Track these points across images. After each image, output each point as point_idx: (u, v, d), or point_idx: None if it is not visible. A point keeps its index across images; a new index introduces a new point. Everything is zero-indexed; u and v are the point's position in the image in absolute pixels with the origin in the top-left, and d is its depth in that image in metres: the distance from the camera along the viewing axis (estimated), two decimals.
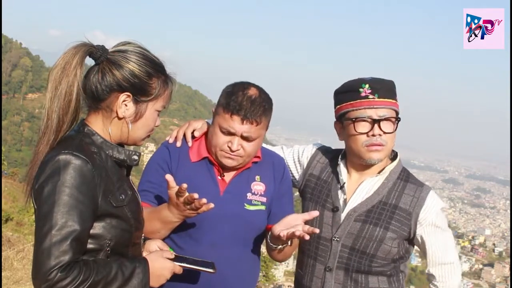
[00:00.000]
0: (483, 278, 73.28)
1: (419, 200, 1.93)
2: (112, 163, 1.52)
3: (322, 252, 1.98)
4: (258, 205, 1.97)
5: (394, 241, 1.92)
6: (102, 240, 1.45)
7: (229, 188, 1.95)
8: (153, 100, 1.54)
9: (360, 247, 1.91)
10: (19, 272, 5.21)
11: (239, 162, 1.93)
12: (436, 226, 1.95)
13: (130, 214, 1.53)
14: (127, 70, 1.49)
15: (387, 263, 1.95)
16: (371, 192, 1.96)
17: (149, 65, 1.52)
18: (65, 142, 1.47)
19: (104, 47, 1.53)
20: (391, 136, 1.92)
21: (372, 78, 1.94)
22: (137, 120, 1.53)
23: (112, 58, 1.50)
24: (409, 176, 2.01)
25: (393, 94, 1.93)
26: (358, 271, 1.93)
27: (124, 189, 1.53)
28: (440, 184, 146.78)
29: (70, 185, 1.36)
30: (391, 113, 1.91)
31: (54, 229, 1.33)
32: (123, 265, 1.45)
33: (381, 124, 1.89)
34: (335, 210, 1.97)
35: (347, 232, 1.93)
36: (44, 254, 1.32)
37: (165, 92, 1.57)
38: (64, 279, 1.31)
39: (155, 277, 1.54)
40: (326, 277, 1.96)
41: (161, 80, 1.55)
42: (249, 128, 1.86)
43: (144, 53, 1.54)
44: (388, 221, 1.91)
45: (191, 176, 1.93)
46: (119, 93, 1.49)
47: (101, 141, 1.51)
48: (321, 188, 2.05)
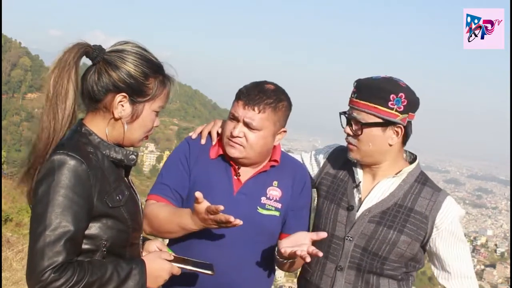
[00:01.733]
0: (485, 279, 73.10)
1: (435, 204, 1.89)
2: (109, 163, 1.51)
3: (334, 251, 1.96)
4: (272, 210, 1.96)
5: (409, 246, 1.88)
6: (98, 240, 1.45)
7: (243, 189, 1.94)
8: (150, 101, 1.53)
9: (372, 249, 1.89)
10: (19, 272, 5.20)
11: (242, 154, 1.90)
12: (453, 234, 1.91)
13: (127, 215, 1.52)
14: (123, 71, 1.48)
15: (399, 267, 1.92)
16: (386, 194, 1.93)
17: (145, 65, 1.51)
18: (62, 142, 1.46)
19: (101, 47, 1.52)
20: (362, 139, 1.88)
21: (365, 79, 1.91)
22: (133, 121, 1.53)
23: (108, 58, 1.50)
24: (427, 180, 1.98)
25: (374, 97, 1.85)
26: (370, 272, 1.91)
27: (121, 189, 1.53)
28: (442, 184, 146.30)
29: (65, 186, 1.36)
30: (362, 116, 1.87)
31: (48, 229, 1.33)
32: (119, 266, 1.44)
33: (353, 125, 1.89)
34: (350, 209, 1.95)
35: (360, 232, 1.91)
36: (37, 254, 1.32)
37: (162, 92, 1.55)
38: (58, 280, 1.30)
39: (153, 278, 1.53)
40: (337, 276, 1.94)
41: (158, 80, 1.54)
42: (252, 114, 1.85)
43: (142, 53, 1.53)
44: (403, 224, 1.88)
45: (207, 172, 1.94)
46: (115, 94, 1.49)
47: (98, 141, 1.51)
48: (337, 187, 2.03)
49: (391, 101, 1.85)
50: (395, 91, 1.85)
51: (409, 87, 1.91)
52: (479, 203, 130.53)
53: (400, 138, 1.92)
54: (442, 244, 1.91)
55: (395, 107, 1.85)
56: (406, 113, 1.88)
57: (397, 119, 1.87)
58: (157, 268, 1.56)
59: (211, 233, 1.87)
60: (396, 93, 1.85)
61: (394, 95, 1.84)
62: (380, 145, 1.90)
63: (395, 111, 1.85)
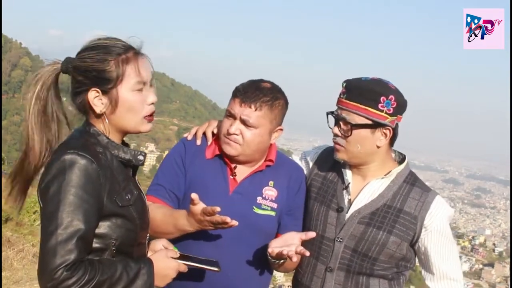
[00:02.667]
0: (483, 278, 73.18)
1: (424, 204, 1.90)
2: (117, 163, 1.52)
3: (324, 252, 1.97)
4: (268, 210, 1.96)
5: (398, 246, 1.89)
6: (107, 239, 1.46)
7: (239, 189, 1.95)
8: (119, 83, 1.50)
9: (362, 250, 1.90)
10: (19, 272, 5.21)
11: (238, 152, 1.91)
12: (442, 234, 1.91)
13: (136, 214, 1.54)
14: (82, 68, 1.49)
15: (389, 267, 1.93)
16: (376, 195, 1.94)
17: (100, 52, 1.50)
18: (70, 142, 1.48)
19: (68, 58, 1.53)
20: (350, 140, 1.88)
21: (355, 80, 1.90)
22: (116, 109, 1.52)
23: (75, 65, 1.51)
24: (416, 180, 1.98)
25: (364, 99, 1.85)
26: (360, 273, 1.92)
27: (130, 189, 1.54)
28: (440, 184, 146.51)
29: (76, 185, 1.38)
30: (351, 117, 1.86)
31: (59, 228, 1.34)
32: (128, 265, 1.46)
33: (340, 124, 1.89)
34: (340, 210, 1.96)
35: (350, 233, 1.92)
36: (49, 253, 1.33)
37: (128, 68, 1.51)
38: (70, 279, 1.32)
39: (160, 277, 1.55)
40: (327, 278, 1.95)
41: (120, 60, 1.51)
42: (249, 112, 1.87)
43: (96, 43, 1.53)
44: (392, 225, 1.89)
45: (202, 172, 1.94)
46: (87, 93, 1.50)
47: (106, 141, 1.52)
48: (326, 188, 2.04)
49: (381, 103, 1.85)
50: (386, 93, 1.86)
51: (398, 89, 1.92)
52: (478, 203, 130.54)
53: (388, 140, 1.92)
54: (430, 245, 1.92)
55: (385, 109, 1.85)
56: (395, 115, 1.89)
57: (386, 121, 1.87)
58: (164, 267, 1.58)
59: (207, 233, 1.88)
60: (387, 95, 1.85)
61: (385, 97, 1.85)
62: (368, 147, 1.90)
63: (384, 113, 1.86)
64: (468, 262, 75.46)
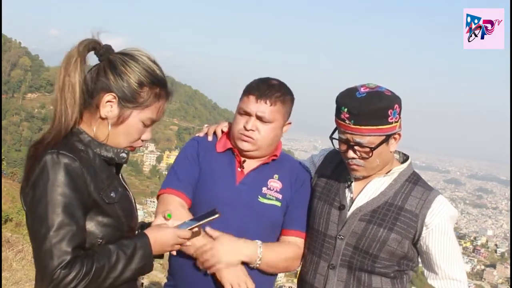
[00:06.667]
0: (485, 279, 73.23)
1: (426, 202, 1.90)
2: (100, 161, 1.52)
3: (326, 250, 1.98)
4: (273, 200, 2.03)
5: (399, 244, 1.90)
6: (93, 238, 1.46)
7: (245, 180, 2.02)
8: (138, 109, 1.52)
9: (363, 247, 1.91)
10: (18, 273, 5.20)
11: (254, 147, 1.99)
12: (443, 233, 1.91)
13: (121, 212, 1.53)
14: (120, 73, 1.49)
15: (390, 265, 1.93)
16: (377, 193, 1.95)
17: (144, 74, 1.52)
18: (51, 140, 1.46)
19: (109, 46, 1.54)
20: (370, 159, 1.88)
21: (354, 102, 1.83)
22: (118, 124, 1.52)
23: (112, 59, 1.52)
24: (419, 179, 1.98)
25: (374, 119, 1.83)
26: (361, 270, 1.93)
27: (115, 186, 1.54)
28: (442, 184, 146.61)
29: (61, 184, 1.37)
30: (368, 141, 1.84)
31: (51, 230, 1.35)
32: (122, 245, 1.47)
33: (356, 149, 1.88)
34: (342, 208, 1.97)
35: (351, 230, 1.93)
36: (46, 256, 1.34)
37: (153, 104, 1.54)
38: (68, 275, 1.34)
39: (158, 245, 1.55)
40: (329, 275, 1.96)
41: (153, 92, 1.53)
42: (264, 107, 1.95)
43: (145, 62, 1.53)
44: (393, 222, 1.90)
45: (212, 165, 2.05)
46: (106, 93, 1.50)
47: (88, 139, 1.52)
48: (330, 187, 2.06)
49: (390, 116, 1.85)
50: (390, 105, 1.85)
51: (391, 90, 1.91)
52: (480, 203, 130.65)
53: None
54: (432, 243, 1.92)
55: (394, 119, 1.86)
56: (400, 119, 1.90)
57: (397, 129, 1.89)
58: (160, 234, 1.57)
59: (214, 226, 1.90)
60: (392, 106, 1.85)
61: (391, 110, 1.84)
62: (385, 157, 1.92)
63: (394, 123, 1.87)
64: (470, 263, 75.48)
